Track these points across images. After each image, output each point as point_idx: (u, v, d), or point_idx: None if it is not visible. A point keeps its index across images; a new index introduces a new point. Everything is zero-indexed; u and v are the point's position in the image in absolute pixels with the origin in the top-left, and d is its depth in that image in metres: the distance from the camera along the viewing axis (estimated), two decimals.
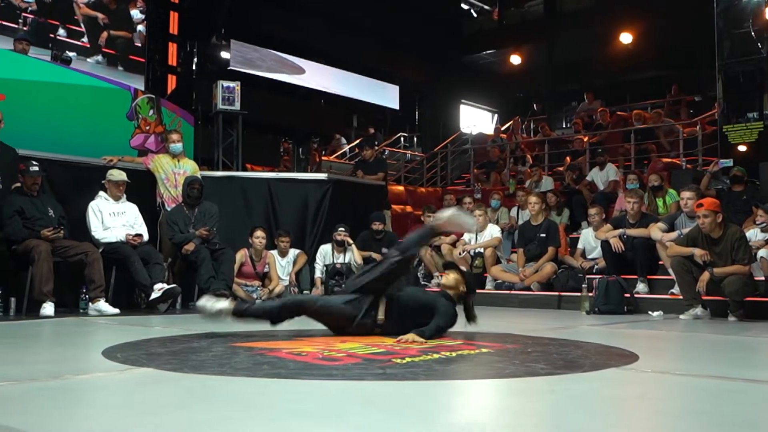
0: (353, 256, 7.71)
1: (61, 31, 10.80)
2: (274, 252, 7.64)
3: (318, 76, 15.87)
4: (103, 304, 5.92)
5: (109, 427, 2.02)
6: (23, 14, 10.31)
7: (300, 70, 15.46)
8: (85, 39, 11.03)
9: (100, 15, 11.33)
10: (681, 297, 6.14)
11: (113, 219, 6.50)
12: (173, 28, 12.61)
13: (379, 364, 3.08)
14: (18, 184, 6.11)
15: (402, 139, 18.77)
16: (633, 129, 12.36)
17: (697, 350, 4.30)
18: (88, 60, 10.96)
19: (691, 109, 14.73)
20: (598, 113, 14.26)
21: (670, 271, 6.43)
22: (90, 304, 5.96)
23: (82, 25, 11.07)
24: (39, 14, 10.50)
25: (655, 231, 6.68)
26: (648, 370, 3.08)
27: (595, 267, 7.47)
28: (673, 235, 6.47)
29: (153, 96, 8.64)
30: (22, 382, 2.66)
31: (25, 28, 10.17)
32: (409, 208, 12.21)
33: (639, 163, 11.86)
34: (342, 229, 7.72)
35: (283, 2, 14.50)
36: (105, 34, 11.39)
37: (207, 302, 4.29)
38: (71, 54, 10.49)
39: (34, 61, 7.83)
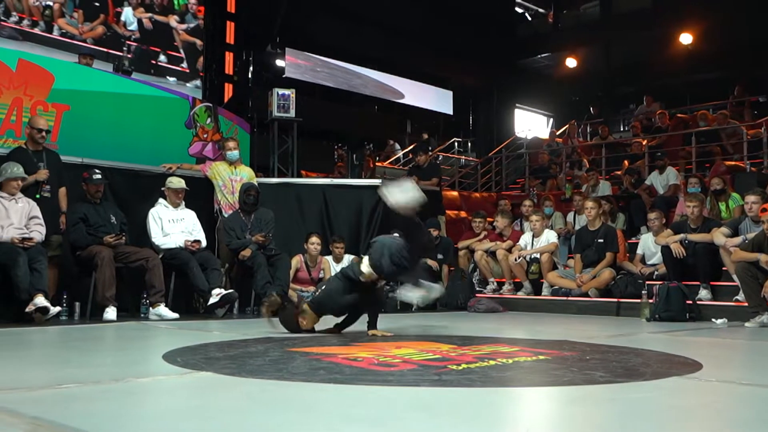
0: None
1: (162, 57, 11.33)
2: (329, 258, 7.69)
3: (372, 83, 15.94)
4: (163, 309, 6.05)
5: (171, 430, 2.05)
6: (127, 42, 10.88)
7: (355, 77, 15.55)
8: (184, 64, 11.54)
9: (198, 41, 11.86)
10: (746, 304, 5.95)
11: (172, 225, 6.64)
12: (230, 38, 12.84)
13: (434, 370, 3.06)
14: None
15: (456, 144, 18.69)
16: (694, 131, 12.05)
17: (764, 359, 4.16)
18: (188, 85, 11.46)
19: (755, 110, 14.28)
20: (657, 116, 13.95)
21: (734, 277, 6.25)
22: (150, 308, 6.10)
23: (181, 51, 11.58)
24: (141, 42, 11.08)
25: (718, 236, 6.50)
26: (712, 380, 2.99)
27: (656, 273, 7.31)
28: (737, 240, 6.29)
29: (210, 104, 8.80)
30: (86, 384, 2.73)
31: (129, 56, 10.75)
32: (463, 214, 12.14)
33: (700, 167, 11.55)
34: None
35: (336, 10, 14.62)
36: (201, 58, 11.91)
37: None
38: (171, 79, 11.16)
39: (97, 72, 8.06)
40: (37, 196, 6.05)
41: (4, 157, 6.04)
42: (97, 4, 10.58)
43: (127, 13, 10.94)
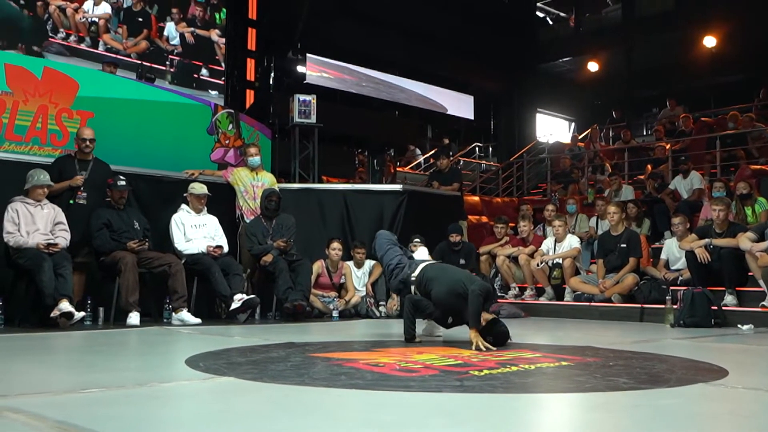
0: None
1: (204, 71, 11.58)
2: (350, 263, 7.69)
3: (392, 88, 15.97)
4: (185, 314, 6.09)
5: None
6: (170, 56, 11.12)
7: (374, 82, 15.59)
8: (224, 78, 11.68)
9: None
10: None
11: (195, 231, 6.68)
12: (251, 44, 12.94)
13: (456, 376, 3.05)
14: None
15: (477, 149, 18.64)
16: (718, 135, 11.92)
17: None
18: (216, 94, 11.65)
19: None
20: (680, 119, 13.82)
21: (761, 282, 6.18)
22: (173, 313, 6.14)
23: (222, 64, 11.81)
24: (184, 56, 11.32)
25: (744, 241, 6.42)
26: (738, 386, 2.95)
27: (680, 278, 7.22)
28: (764, 245, 6.21)
29: (232, 111, 8.85)
30: (110, 389, 2.76)
31: (171, 70, 11.02)
32: (484, 219, 12.11)
33: (725, 171, 11.41)
34: (417, 240, 7.71)
35: (357, 16, 14.67)
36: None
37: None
38: (213, 92, 11.42)
39: (121, 80, 8.15)
40: (71, 201, 6.14)
41: (33, 165, 6.13)
42: (140, 19, 10.86)
43: (170, 28, 11.19)
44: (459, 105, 17.59)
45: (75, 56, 9.84)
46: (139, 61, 10.55)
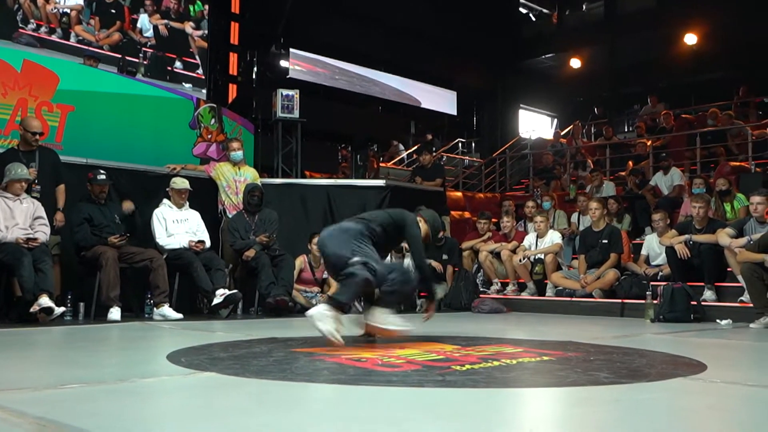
0: (410, 264, 7.68)
1: (178, 64, 11.43)
2: None
3: (375, 83, 15.96)
4: (167, 309, 6.06)
5: (176, 430, 2.06)
6: (143, 49, 10.97)
7: (358, 78, 15.57)
8: (200, 71, 11.61)
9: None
10: (751, 305, 5.94)
11: (176, 226, 6.65)
12: (234, 39, 12.86)
13: (438, 371, 3.06)
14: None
15: (460, 144, 18.68)
16: (699, 132, 12.03)
17: None
18: (203, 90, 11.53)
19: (760, 110, 14.23)
20: (661, 116, 13.93)
21: (740, 278, 6.23)
22: (155, 309, 6.11)
23: (197, 57, 11.64)
24: (157, 48, 11.17)
25: (723, 237, 6.49)
26: (717, 381, 2.98)
27: (660, 274, 7.29)
28: (742, 241, 6.27)
29: (215, 105, 8.81)
30: (91, 384, 2.74)
31: (145, 62, 10.86)
32: (467, 214, 12.13)
33: (705, 167, 11.52)
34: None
35: (340, 11, 14.63)
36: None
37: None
38: (187, 85, 11.25)
39: (102, 73, 8.09)
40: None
41: None
42: (113, 11, 10.69)
43: (143, 20, 11.03)
44: (442, 101, 17.62)
45: (46, 47, 9.63)
46: (113, 54, 10.41)
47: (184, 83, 11.26)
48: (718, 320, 6.17)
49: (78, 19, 10.24)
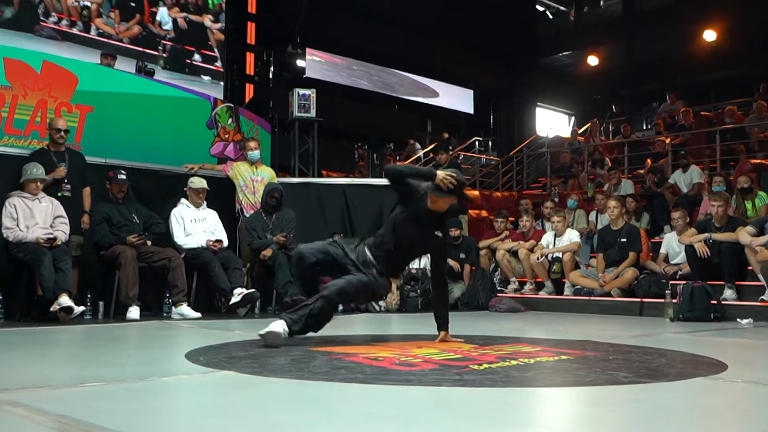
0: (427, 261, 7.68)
1: (197, 56, 11.44)
2: None
3: (394, 75, 15.96)
4: (185, 308, 6.10)
5: (195, 428, 2.07)
6: (162, 41, 11.01)
7: (375, 69, 15.55)
8: (218, 63, 11.64)
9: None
10: None
11: (194, 225, 6.68)
12: (251, 38, 12.90)
13: (456, 370, 3.05)
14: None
15: (477, 143, 18.63)
16: (718, 129, 11.91)
17: None
18: (221, 83, 11.57)
19: None
20: (680, 114, 13.81)
21: (761, 276, 6.18)
22: (173, 308, 6.14)
23: (215, 49, 11.67)
24: (176, 41, 11.18)
25: (744, 235, 6.42)
26: (737, 380, 2.95)
27: (679, 272, 7.23)
28: (764, 239, 6.21)
29: (232, 105, 8.84)
30: (110, 383, 2.76)
31: (164, 55, 10.88)
32: (484, 213, 12.09)
33: (725, 165, 11.41)
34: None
35: (357, 10, 14.64)
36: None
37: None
38: (206, 78, 11.27)
39: (120, 74, 8.13)
40: (59, 194, 6.14)
41: (26, 158, 6.13)
42: (132, 4, 10.73)
43: (162, 13, 11.07)
44: (459, 99, 17.57)
45: (67, 41, 9.70)
46: (132, 47, 10.43)
47: (203, 75, 11.29)
48: (738, 319, 6.11)
49: (98, 12, 10.31)
